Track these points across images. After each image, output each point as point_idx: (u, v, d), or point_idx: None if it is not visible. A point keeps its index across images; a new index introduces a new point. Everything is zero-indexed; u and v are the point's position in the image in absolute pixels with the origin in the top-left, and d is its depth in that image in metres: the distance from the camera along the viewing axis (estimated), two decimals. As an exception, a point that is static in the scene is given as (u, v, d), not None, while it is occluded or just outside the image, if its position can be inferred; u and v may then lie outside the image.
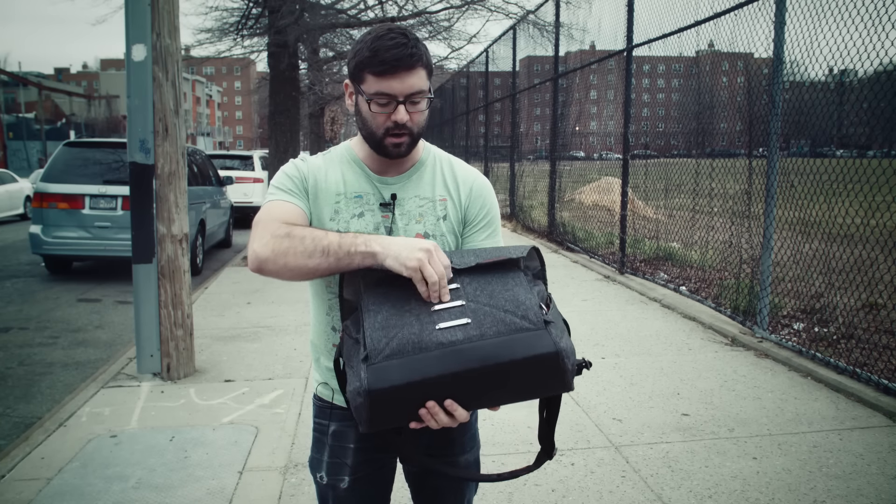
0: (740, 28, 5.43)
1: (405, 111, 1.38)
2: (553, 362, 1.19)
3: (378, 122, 1.40)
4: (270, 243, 1.32)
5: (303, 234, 1.31)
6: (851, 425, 3.62)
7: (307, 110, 19.10)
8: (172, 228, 4.36)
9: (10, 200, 17.03)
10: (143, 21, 4.19)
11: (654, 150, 10.93)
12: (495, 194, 1.62)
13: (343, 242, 1.29)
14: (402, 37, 1.36)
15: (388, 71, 1.35)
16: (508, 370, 1.19)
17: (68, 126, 44.77)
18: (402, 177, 1.51)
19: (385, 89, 1.36)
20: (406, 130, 1.40)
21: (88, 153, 8.36)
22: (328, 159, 1.54)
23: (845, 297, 5.28)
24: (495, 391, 1.22)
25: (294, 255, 1.30)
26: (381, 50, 1.34)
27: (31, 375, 4.94)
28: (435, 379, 1.18)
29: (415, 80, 1.37)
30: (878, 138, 5.69)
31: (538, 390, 1.26)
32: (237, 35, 9.74)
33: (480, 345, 1.19)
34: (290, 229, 1.34)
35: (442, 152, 1.61)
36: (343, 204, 1.48)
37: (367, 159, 1.51)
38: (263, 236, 1.34)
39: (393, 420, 1.23)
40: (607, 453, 3.34)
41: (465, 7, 9.50)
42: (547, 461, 1.43)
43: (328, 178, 1.50)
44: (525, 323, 1.21)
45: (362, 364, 1.20)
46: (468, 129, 17.64)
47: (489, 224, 1.55)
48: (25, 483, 3.08)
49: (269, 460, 3.30)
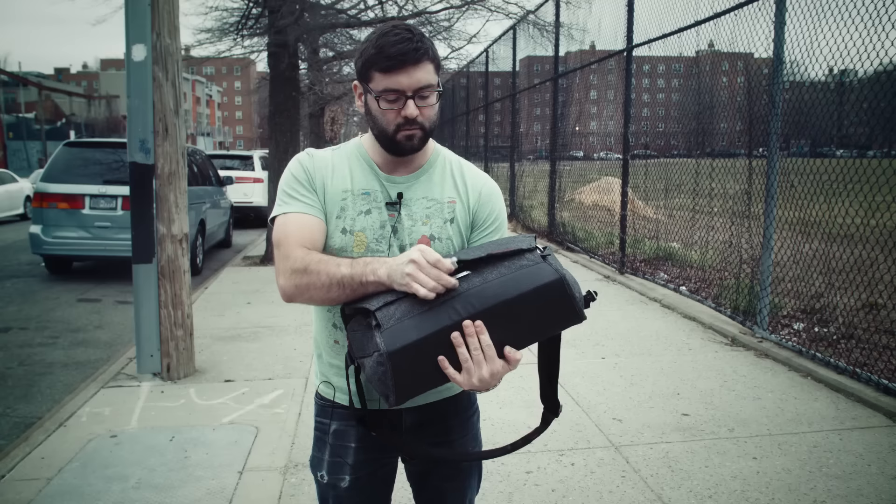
0: (740, 28, 5.44)
1: (414, 106, 1.38)
2: (559, 289, 1.24)
3: (388, 119, 1.40)
4: (292, 280, 1.39)
5: (318, 270, 1.37)
6: (851, 425, 3.62)
7: (307, 110, 19.09)
8: (172, 228, 4.36)
9: (10, 200, 17.03)
10: (143, 21, 4.19)
11: (654, 150, 10.94)
12: (506, 216, 1.62)
13: (354, 274, 1.34)
14: (406, 32, 1.36)
15: (395, 66, 1.35)
16: (518, 306, 1.22)
17: (68, 126, 44.73)
18: (411, 177, 1.50)
19: (393, 85, 1.36)
20: (417, 125, 1.40)
21: (88, 153, 8.37)
22: (337, 154, 1.54)
23: (845, 297, 5.27)
24: (512, 332, 1.24)
25: (315, 289, 1.37)
26: (386, 46, 1.35)
27: (31, 375, 4.94)
28: (449, 328, 1.20)
29: (422, 75, 1.37)
30: (878, 138, 5.69)
31: (553, 323, 1.29)
32: (237, 35, 9.72)
33: (484, 287, 1.23)
34: (307, 262, 1.38)
35: (451, 154, 1.60)
36: (350, 201, 1.47)
37: (376, 157, 1.51)
38: (285, 270, 1.41)
39: (420, 384, 1.25)
40: (607, 453, 3.34)
41: (465, 7, 9.48)
42: (554, 419, 1.44)
43: (335, 174, 1.49)
44: (524, 261, 1.26)
45: (376, 332, 1.22)
46: (468, 129, 17.64)
47: (497, 229, 1.54)
48: (25, 483, 3.08)
49: (269, 460, 3.30)
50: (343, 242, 1.46)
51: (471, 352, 1.22)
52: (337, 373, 1.55)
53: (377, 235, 1.46)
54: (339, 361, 1.53)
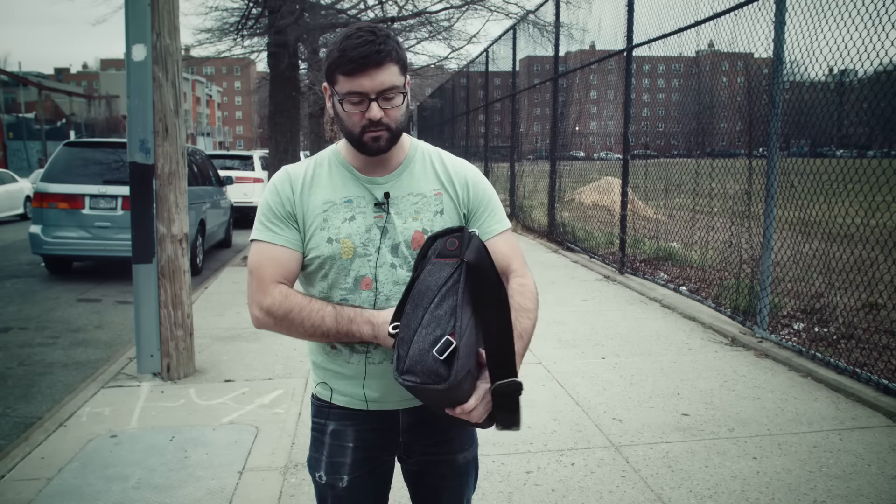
0: (740, 28, 5.44)
1: (378, 108, 1.38)
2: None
3: (354, 121, 1.41)
4: (268, 319, 1.46)
5: (300, 320, 1.43)
6: (851, 425, 3.62)
7: (307, 110, 19.08)
8: (172, 228, 4.36)
9: (10, 200, 17.02)
10: (143, 21, 4.19)
11: (654, 150, 10.94)
12: (495, 193, 1.63)
13: (340, 330, 1.43)
14: (369, 34, 1.36)
15: (357, 69, 1.35)
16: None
17: (68, 126, 44.71)
18: (392, 175, 1.51)
19: (356, 88, 1.37)
20: (382, 126, 1.41)
21: (88, 153, 8.36)
22: (314, 164, 1.54)
23: (845, 297, 5.28)
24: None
25: (297, 332, 1.46)
26: (348, 49, 1.36)
27: (31, 375, 4.94)
28: None
29: (385, 77, 1.37)
30: (878, 138, 5.69)
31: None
32: (237, 35, 9.72)
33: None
34: (287, 309, 1.44)
35: (428, 146, 1.61)
36: (332, 211, 1.48)
37: (354, 161, 1.51)
38: (261, 306, 1.46)
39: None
40: (607, 453, 3.34)
41: (465, 7, 9.48)
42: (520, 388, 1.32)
43: (314, 187, 1.50)
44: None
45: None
46: (468, 129, 17.63)
47: (489, 205, 1.57)
48: (25, 483, 3.07)
49: (269, 460, 3.30)
50: (331, 251, 1.47)
51: None
52: (333, 376, 1.56)
53: (363, 240, 1.47)
54: (336, 366, 1.55)
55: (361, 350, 1.51)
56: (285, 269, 1.47)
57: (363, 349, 1.51)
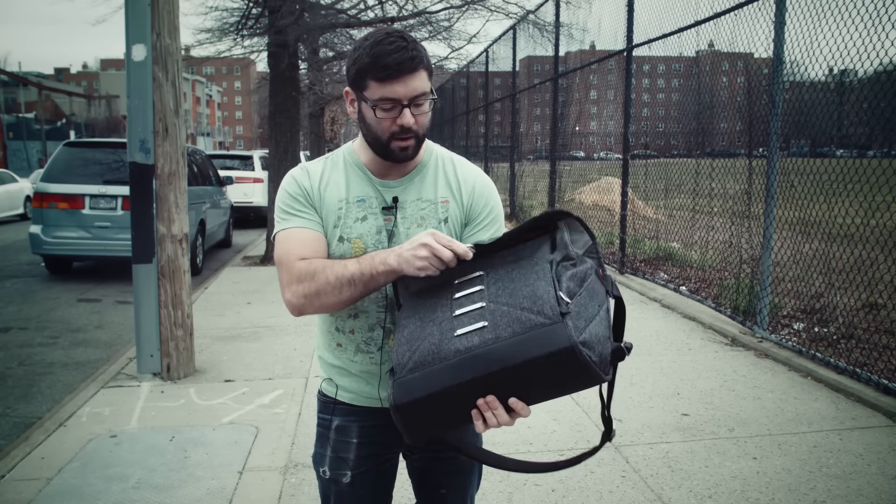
0: (740, 28, 5.44)
1: (410, 114, 1.38)
2: (570, 357, 1.12)
3: (384, 128, 1.40)
4: (298, 290, 1.40)
5: (325, 273, 1.38)
6: (851, 425, 3.62)
7: (307, 110, 19.07)
8: (172, 228, 4.36)
9: (10, 200, 17.03)
10: (143, 21, 4.19)
11: (654, 149, 10.94)
12: (501, 209, 1.62)
13: (363, 269, 1.35)
14: (401, 40, 1.36)
15: (392, 76, 1.35)
16: (526, 370, 1.14)
17: (68, 126, 44.71)
18: (404, 179, 1.51)
19: (389, 94, 1.36)
20: (412, 133, 1.41)
21: (88, 153, 8.37)
22: (330, 164, 1.54)
23: (845, 297, 5.27)
24: (523, 390, 1.19)
25: (326, 293, 1.38)
26: (382, 55, 1.34)
27: (31, 375, 4.94)
28: (455, 388, 1.16)
29: (417, 83, 1.37)
30: (878, 138, 5.69)
31: (568, 385, 1.20)
32: (237, 35, 9.72)
33: (495, 348, 1.15)
34: (311, 269, 1.39)
35: (444, 151, 1.60)
36: (345, 210, 1.48)
37: (369, 163, 1.51)
38: (290, 283, 1.41)
39: (434, 428, 1.26)
40: (607, 453, 3.34)
41: (465, 7, 9.48)
42: (607, 443, 1.38)
43: (330, 185, 1.50)
44: (540, 318, 1.15)
45: (389, 379, 1.23)
46: (468, 129, 17.64)
47: (493, 221, 1.54)
48: (25, 483, 3.08)
49: (269, 460, 3.30)
50: (341, 251, 1.47)
51: (486, 421, 1.21)
52: (339, 373, 1.57)
53: (374, 241, 1.47)
54: (341, 363, 1.55)
55: (365, 350, 1.52)
56: (313, 248, 1.44)
57: (366, 349, 1.51)
